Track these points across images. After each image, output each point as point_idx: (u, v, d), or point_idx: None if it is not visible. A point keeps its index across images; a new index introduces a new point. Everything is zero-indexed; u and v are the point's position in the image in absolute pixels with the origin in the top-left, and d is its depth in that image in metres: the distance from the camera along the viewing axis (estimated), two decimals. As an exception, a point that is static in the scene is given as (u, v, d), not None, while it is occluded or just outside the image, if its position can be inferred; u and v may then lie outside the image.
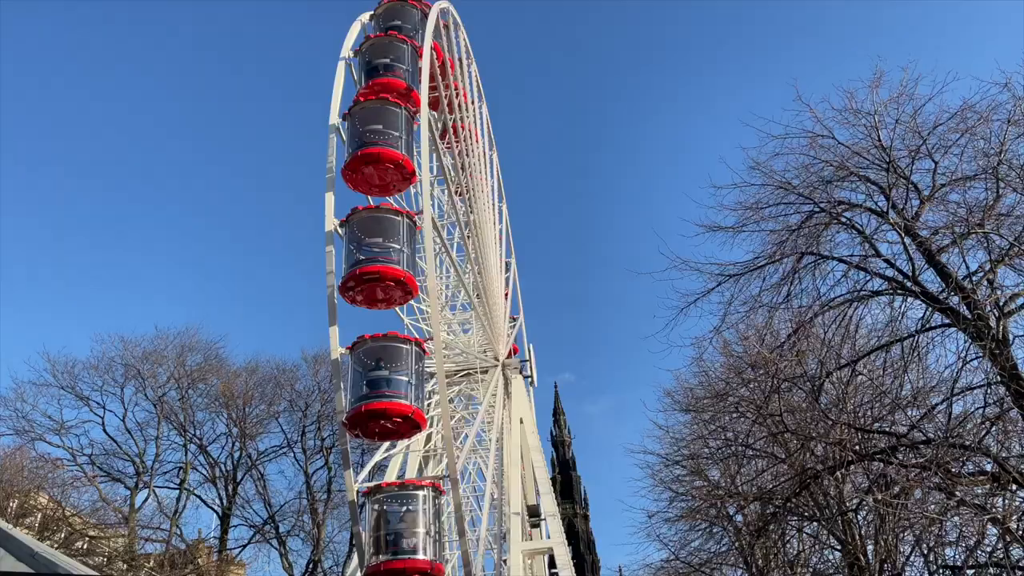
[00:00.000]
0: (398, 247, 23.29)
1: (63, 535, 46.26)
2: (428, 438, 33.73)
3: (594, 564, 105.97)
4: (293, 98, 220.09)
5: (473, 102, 42.51)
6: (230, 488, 57.78)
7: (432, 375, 27.72)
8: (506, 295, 48.28)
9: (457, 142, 37.10)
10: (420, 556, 21.45)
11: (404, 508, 22.10)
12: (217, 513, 57.38)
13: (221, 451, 58.84)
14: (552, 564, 41.56)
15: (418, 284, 23.99)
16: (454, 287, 41.03)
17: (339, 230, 23.51)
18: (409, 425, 22.51)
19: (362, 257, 23.11)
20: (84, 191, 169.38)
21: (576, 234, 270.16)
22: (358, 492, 22.79)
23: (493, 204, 45.51)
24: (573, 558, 42.05)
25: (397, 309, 31.46)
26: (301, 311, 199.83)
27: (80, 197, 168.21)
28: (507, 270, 49.18)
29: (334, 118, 25.12)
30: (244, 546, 57.46)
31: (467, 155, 38.49)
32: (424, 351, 23.70)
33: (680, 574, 32.71)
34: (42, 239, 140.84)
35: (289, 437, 60.08)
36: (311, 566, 56.93)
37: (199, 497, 57.58)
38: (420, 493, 22.33)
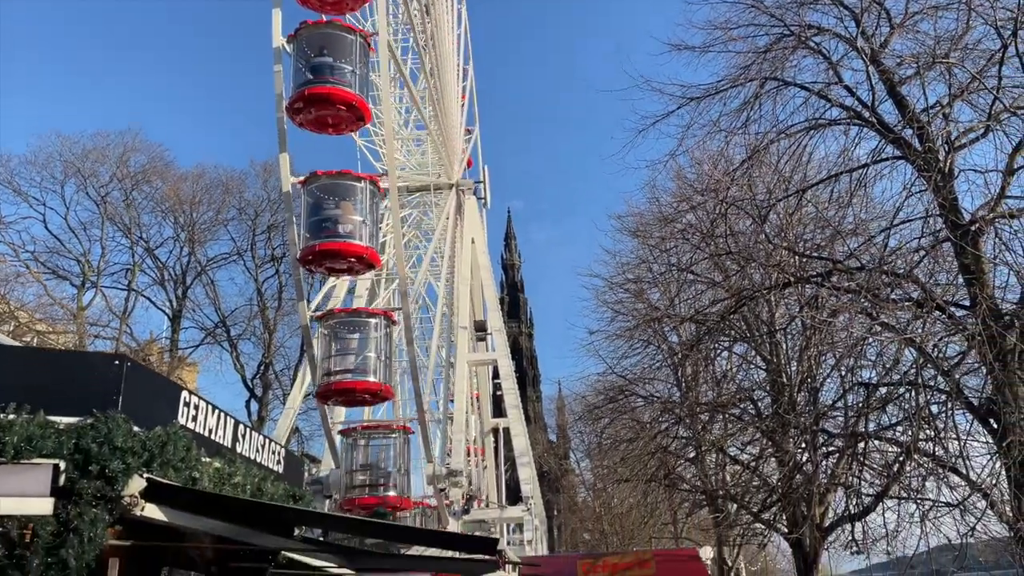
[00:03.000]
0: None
1: (10, 328, 46.31)
2: None
3: (535, 377, 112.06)
4: None
5: None
6: (180, 291, 57.89)
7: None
8: (468, 133, 47.12)
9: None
10: (356, 241, 21.33)
11: (340, 198, 21.80)
12: (167, 315, 57.64)
13: (169, 255, 58.32)
14: (496, 375, 43.79)
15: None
16: (407, 103, 39.68)
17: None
18: (354, 115, 21.89)
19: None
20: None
21: (537, 55, 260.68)
22: (294, 184, 22.26)
23: (457, 47, 43.30)
24: (516, 371, 44.14)
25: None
26: (249, 127, 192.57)
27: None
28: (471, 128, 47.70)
29: None
30: (195, 347, 58.51)
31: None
32: (370, 47, 22.74)
33: (614, 387, 34.60)
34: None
35: (239, 245, 59.64)
36: (262, 368, 58.61)
37: (148, 299, 57.55)
38: (359, 184, 21.95)
